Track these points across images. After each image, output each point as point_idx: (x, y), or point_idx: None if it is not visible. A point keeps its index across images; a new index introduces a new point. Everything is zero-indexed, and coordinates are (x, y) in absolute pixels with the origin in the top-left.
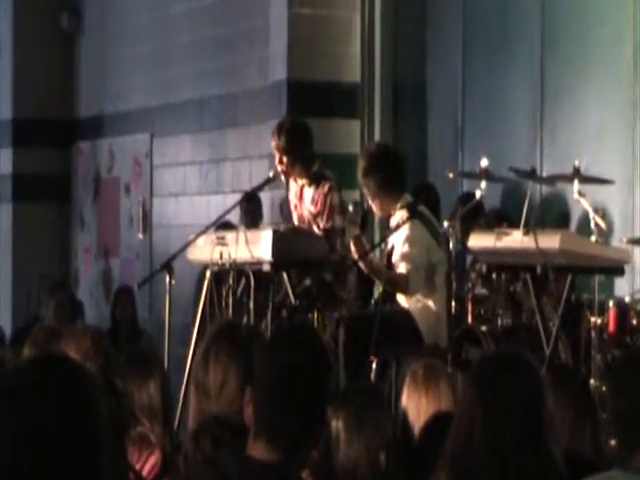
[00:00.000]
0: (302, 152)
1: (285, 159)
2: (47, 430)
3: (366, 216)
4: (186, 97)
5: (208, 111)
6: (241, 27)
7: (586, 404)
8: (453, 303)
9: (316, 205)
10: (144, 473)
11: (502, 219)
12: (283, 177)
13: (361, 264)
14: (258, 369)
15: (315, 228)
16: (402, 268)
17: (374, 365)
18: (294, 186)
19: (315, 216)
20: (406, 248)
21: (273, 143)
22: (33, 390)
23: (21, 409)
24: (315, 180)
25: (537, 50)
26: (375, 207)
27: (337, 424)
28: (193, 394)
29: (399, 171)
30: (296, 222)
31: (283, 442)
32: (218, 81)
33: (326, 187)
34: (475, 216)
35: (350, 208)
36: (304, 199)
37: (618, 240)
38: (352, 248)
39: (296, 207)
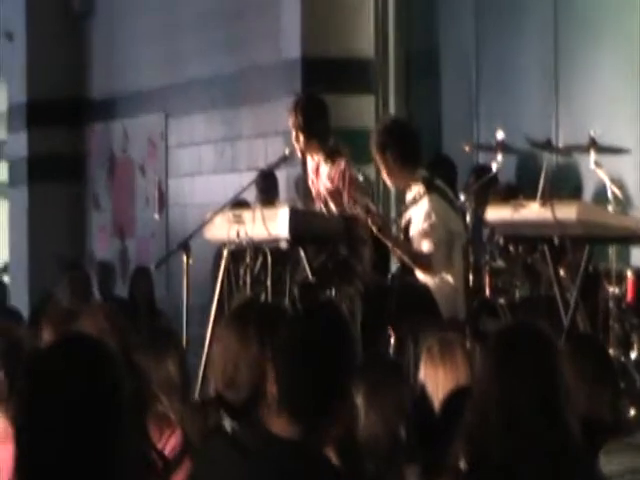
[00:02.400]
0: (318, 128)
1: (302, 136)
2: (76, 407)
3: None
4: (199, 75)
5: (222, 89)
6: (253, 1)
7: (605, 372)
8: (470, 275)
9: (332, 182)
10: (166, 453)
11: (515, 193)
12: (300, 155)
13: (382, 237)
14: (281, 345)
15: (332, 204)
16: (425, 246)
17: (392, 339)
18: (311, 162)
19: (332, 192)
20: (426, 224)
21: (290, 121)
22: (63, 371)
23: (52, 389)
24: (331, 156)
25: (550, 20)
26: (390, 181)
27: (357, 399)
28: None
29: (414, 145)
30: (314, 197)
31: (305, 417)
32: (231, 58)
33: (342, 164)
34: (490, 188)
35: (360, 178)
36: (320, 175)
37: (635, 209)
38: (368, 220)
39: (313, 183)
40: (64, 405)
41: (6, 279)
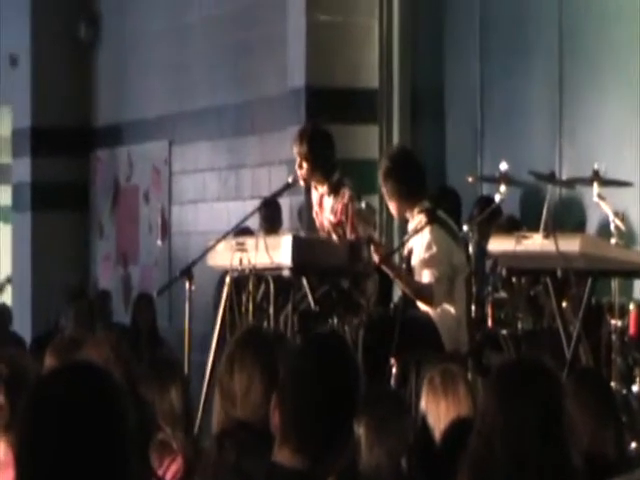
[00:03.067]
0: (323, 159)
1: (305, 165)
2: (79, 434)
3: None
4: (204, 104)
5: (226, 118)
6: (259, 34)
7: (608, 407)
8: (473, 307)
9: (335, 215)
10: (167, 479)
11: (518, 225)
12: (303, 183)
13: (385, 268)
14: (286, 375)
15: (335, 237)
16: (425, 277)
17: (394, 370)
18: (315, 194)
19: (335, 226)
20: (428, 255)
21: (295, 149)
22: (66, 399)
23: (54, 420)
24: (335, 190)
25: (555, 53)
26: (394, 210)
27: (359, 430)
28: (218, 400)
29: (418, 175)
30: (317, 228)
31: (310, 449)
32: (236, 88)
33: (346, 197)
34: (493, 220)
35: (363, 206)
36: (324, 208)
37: (638, 243)
38: (371, 249)
39: (317, 215)
40: (66, 432)
41: (8, 300)
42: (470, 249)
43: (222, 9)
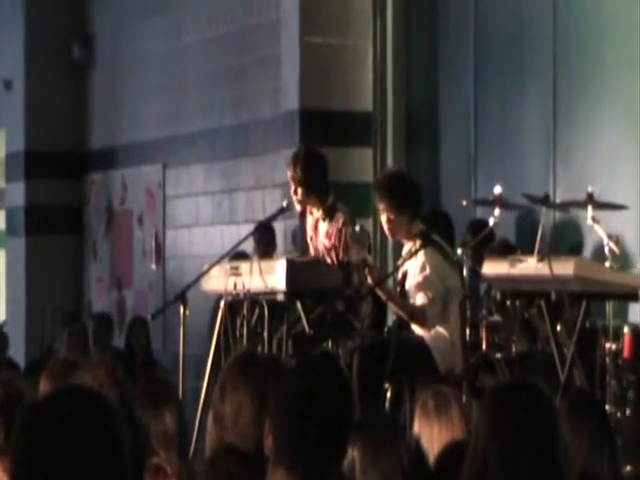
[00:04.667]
0: (317, 183)
1: (300, 190)
2: (75, 462)
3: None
4: (198, 127)
5: (220, 141)
6: (253, 56)
7: (603, 431)
8: (468, 330)
9: (330, 239)
10: None
11: (511, 248)
12: (298, 207)
13: (378, 291)
14: (279, 397)
15: (329, 262)
16: (419, 299)
17: (388, 393)
18: (310, 219)
19: (329, 250)
20: (421, 278)
21: (289, 173)
22: (61, 423)
23: (49, 443)
24: (329, 214)
25: (549, 76)
26: (388, 232)
27: (353, 453)
28: (211, 425)
29: (414, 197)
30: (312, 253)
31: (302, 471)
32: (230, 111)
33: (340, 221)
34: (487, 243)
35: (357, 229)
36: (319, 232)
37: (633, 266)
38: (365, 271)
39: (312, 239)
40: (61, 456)
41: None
42: (464, 272)
43: (216, 32)
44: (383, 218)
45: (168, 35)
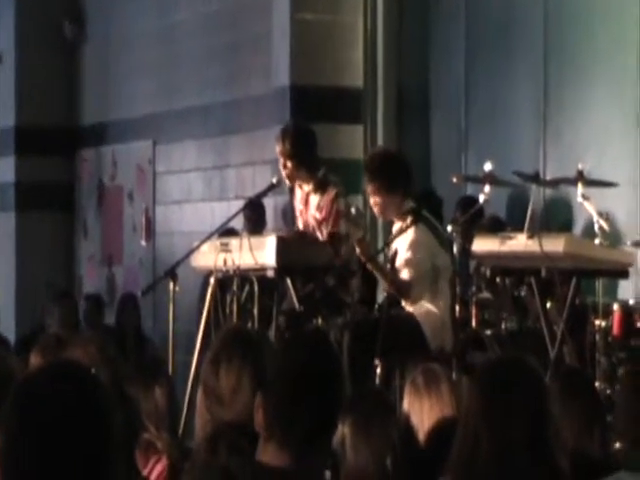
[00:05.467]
0: (306, 157)
1: (289, 164)
2: (65, 437)
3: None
4: (189, 103)
5: (212, 117)
6: (244, 33)
7: (593, 408)
8: (457, 307)
9: (321, 212)
10: (152, 479)
11: (501, 225)
12: (288, 182)
13: (369, 265)
14: (270, 373)
15: (319, 234)
16: (405, 274)
17: (379, 370)
18: (299, 192)
19: (320, 222)
20: (410, 254)
21: (278, 148)
22: (51, 398)
23: (39, 418)
24: (321, 187)
25: (540, 54)
26: (378, 210)
27: (344, 430)
28: (201, 401)
29: (404, 175)
30: (301, 228)
31: (293, 445)
32: (222, 87)
33: (332, 194)
34: (476, 220)
35: (353, 211)
36: (309, 205)
37: (623, 243)
38: (358, 251)
39: (301, 213)
40: (51, 431)
41: None
42: (454, 249)
43: (208, 8)
44: (372, 200)
45: (160, 11)
